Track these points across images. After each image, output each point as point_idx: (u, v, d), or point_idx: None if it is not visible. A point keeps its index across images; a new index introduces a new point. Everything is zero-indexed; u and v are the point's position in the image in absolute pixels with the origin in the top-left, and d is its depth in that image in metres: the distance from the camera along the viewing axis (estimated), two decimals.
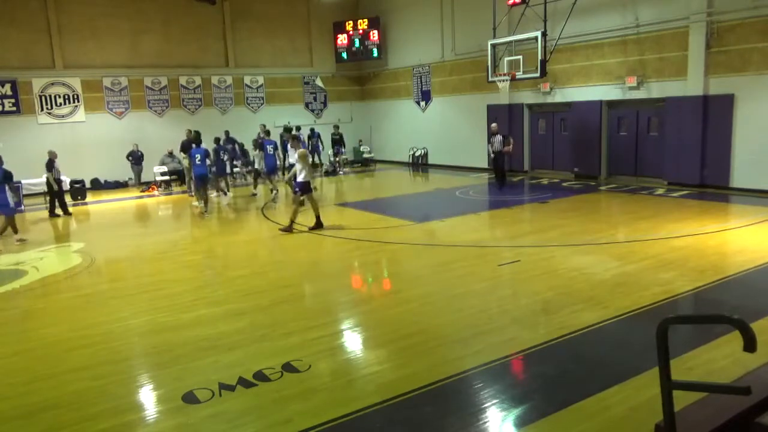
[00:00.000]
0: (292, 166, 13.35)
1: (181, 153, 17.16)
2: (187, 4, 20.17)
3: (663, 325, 2.68)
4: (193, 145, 14.34)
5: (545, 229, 10.20)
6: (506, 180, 15.95)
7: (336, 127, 21.39)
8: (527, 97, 17.68)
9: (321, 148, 21.01)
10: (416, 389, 4.45)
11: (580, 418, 3.95)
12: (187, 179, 17.28)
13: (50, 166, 13.84)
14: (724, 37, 12.72)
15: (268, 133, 16.92)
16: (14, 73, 18.06)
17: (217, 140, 16.40)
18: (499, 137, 15.24)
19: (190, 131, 17.33)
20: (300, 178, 10.61)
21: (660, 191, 13.63)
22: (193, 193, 16.42)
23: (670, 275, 7.08)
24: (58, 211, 14.24)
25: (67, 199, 16.76)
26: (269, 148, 15.71)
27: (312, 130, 21.03)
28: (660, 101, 14.30)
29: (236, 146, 18.36)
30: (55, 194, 14.13)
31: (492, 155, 15.54)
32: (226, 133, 17.73)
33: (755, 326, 2.49)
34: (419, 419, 4.05)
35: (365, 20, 22.70)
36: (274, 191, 16.00)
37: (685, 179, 13.77)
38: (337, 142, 21.18)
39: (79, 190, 17.06)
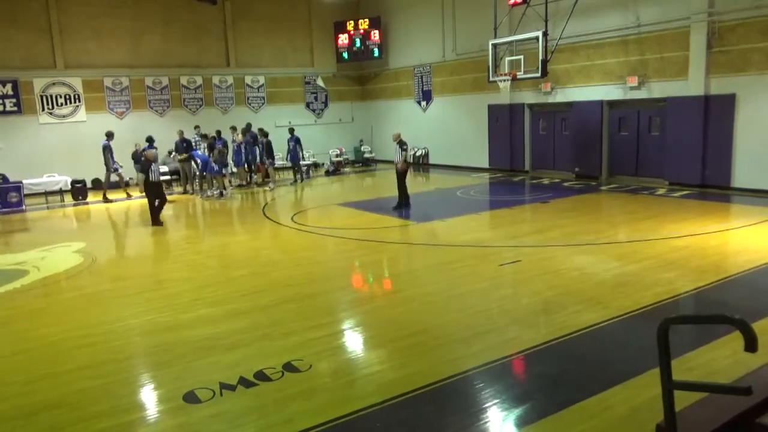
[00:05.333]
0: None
1: (176, 153, 17.22)
2: (188, 3, 20.15)
3: (664, 325, 2.68)
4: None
5: (546, 229, 10.19)
6: (407, 202, 12.67)
7: (264, 134, 18.00)
8: (528, 97, 17.67)
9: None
10: (416, 389, 4.45)
11: (581, 418, 3.95)
12: (190, 177, 17.33)
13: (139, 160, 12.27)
14: (725, 36, 12.70)
15: (219, 133, 17.46)
16: (15, 73, 18.07)
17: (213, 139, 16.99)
18: (397, 148, 12.71)
19: (181, 132, 17.46)
20: None
21: (661, 191, 13.62)
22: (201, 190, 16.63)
23: (671, 275, 7.07)
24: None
25: (68, 198, 16.88)
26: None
27: (259, 131, 18.30)
28: (661, 101, 14.29)
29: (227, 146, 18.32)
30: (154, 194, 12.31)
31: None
32: (218, 132, 17.74)
33: (756, 326, 2.49)
34: (419, 419, 4.05)
35: (366, 20, 22.70)
36: (225, 189, 16.69)
37: (687, 179, 13.75)
38: (266, 151, 17.81)
39: (80, 190, 17.07)
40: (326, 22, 23.16)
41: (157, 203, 12.14)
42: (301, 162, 19.50)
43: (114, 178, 16.85)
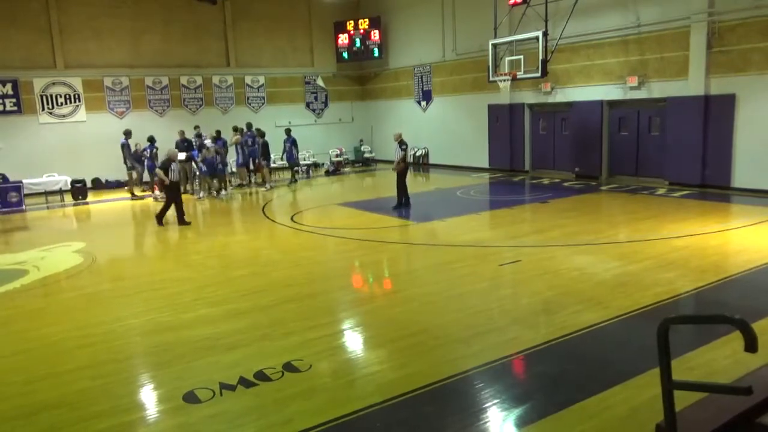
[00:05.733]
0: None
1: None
2: (188, 3, 20.15)
3: (664, 325, 2.68)
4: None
5: (546, 229, 10.19)
6: (407, 201, 12.73)
7: (260, 134, 17.80)
8: (528, 96, 17.66)
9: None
10: (416, 389, 4.45)
11: (581, 418, 3.95)
12: (191, 177, 17.31)
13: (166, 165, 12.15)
14: (725, 36, 12.70)
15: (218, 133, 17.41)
16: (16, 72, 18.07)
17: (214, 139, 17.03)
18: (397, 148, 12.77)
19: (182, 132, 17.46)
20: None
21: (661, 191, 13.62)
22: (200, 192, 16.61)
23: (671, 275, 7.07)
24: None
25: (68, 198, 16.88)
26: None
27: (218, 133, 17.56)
28: (661, 101, 14.29)
29: (226, 146, 18.29)
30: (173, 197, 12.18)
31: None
32: (218, 132, 17.75)
33: (756, 326, 2.48)
34: (419, 419, 4.05)
35: (366, 20, 22.70)
36: (225, 190, 16.71)
37: (687, 179, 13.75)
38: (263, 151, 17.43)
39: (80, 190, 17.08)
40: (326, 22, 23.15)
41: (172, 203, 12.05)
42: (302, 162, 19.46)
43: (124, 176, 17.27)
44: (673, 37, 13.68)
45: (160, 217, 12.13)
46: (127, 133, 17.06)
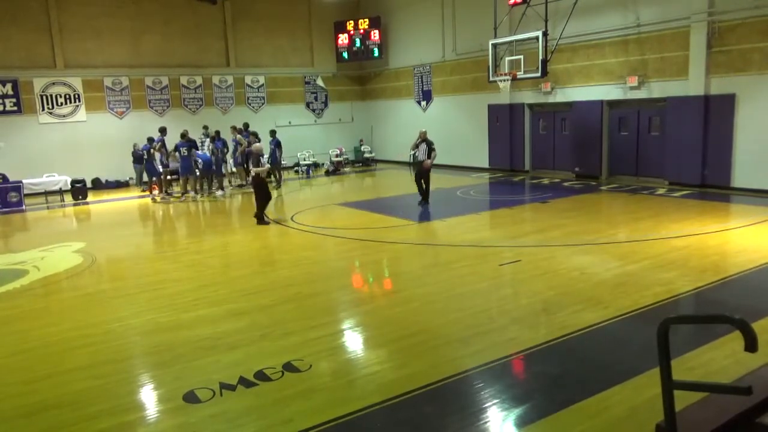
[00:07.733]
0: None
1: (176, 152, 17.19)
2: (188, 3, 20.17)
3: (664, 325, 2.68)
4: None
5: (546, 228, 10.19)
6: (428, 197, 13.29)
7: (254, 134, 17.00)
8: (528, 96, 17.67)
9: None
10: (417, 389, 4.45)
11: (581, 418, 3.95)
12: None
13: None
14: (726, 36, 12.71)
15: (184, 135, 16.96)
16: (15, 72, 18.08)
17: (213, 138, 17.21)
18: (424, 146, 12.93)
19: (186, 132, 17.47)
20: None
21: (661, 191, 13.62)
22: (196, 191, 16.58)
23: (671, 275, 7.07)
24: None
25: (68, 198, 16.89)
26: (183, 150, 15.91)
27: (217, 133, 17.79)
28: (661, 101, 14.29)
29: (226, 146, 18.20)
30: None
31: (413, 164, 12.81)
32: (217, 132, 17.71)
33: (756, 326, 2.49)
34: (419, 419, 4.05)
35: (366, 20, 22.71)
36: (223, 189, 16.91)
37: (686, 179, 13.75)
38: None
39: (80, 190, 17.08)
40: (326, 22, 23.16)
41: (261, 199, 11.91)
42: (302, 162, 19.40)
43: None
44: (673, 37, 13.68)
45: (261, 213, 11.86)
46: (163, 131, 16.74)
